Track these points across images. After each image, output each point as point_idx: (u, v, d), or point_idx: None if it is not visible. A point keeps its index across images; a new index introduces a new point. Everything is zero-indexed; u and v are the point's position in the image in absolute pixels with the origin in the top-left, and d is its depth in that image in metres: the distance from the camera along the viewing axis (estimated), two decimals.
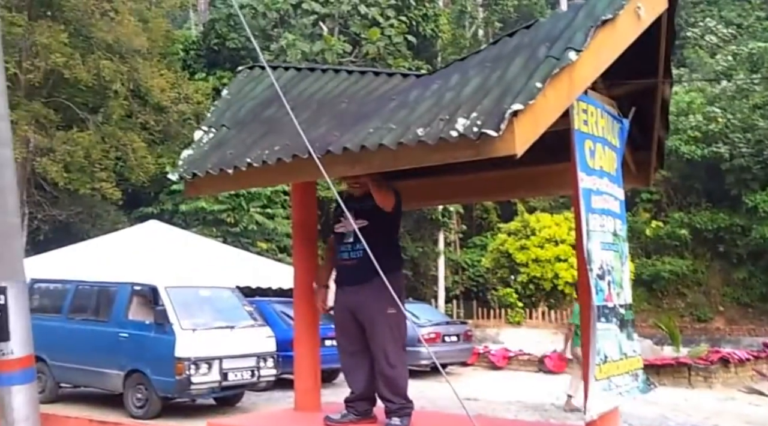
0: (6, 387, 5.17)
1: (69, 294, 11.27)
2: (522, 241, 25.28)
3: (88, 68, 23.33)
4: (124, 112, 24.79)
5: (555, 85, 3.44)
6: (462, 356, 16.34)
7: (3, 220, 5.33)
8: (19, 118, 23.42)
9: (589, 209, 3.89)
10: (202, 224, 23.40)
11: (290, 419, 4.87)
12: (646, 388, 4.32)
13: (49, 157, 23.08)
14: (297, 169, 3.96)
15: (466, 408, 3.28)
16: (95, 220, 25.27)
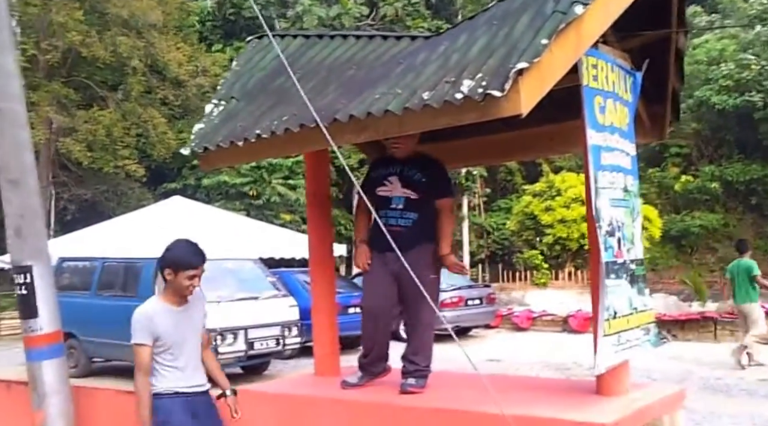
0: (36, 362, 5.32)
1: (96, 271, 11.45)
2: (547, 202, 25.11)
3: (105, 45, 23.44)
4: (142, 88, 24.93)
5: (561, 40, 3.39)
6: (485, 319, 16.46)
7: (25, 202, 5.44)
8: (40, 99, 23.64)
9: (599, 166, 3.86)
10: (225, 198, 23.58)
11: (311, 383, 4.94)
12: (657, 341, 4.34)
13: (71, 137, 23.34)
14: (305, 139, 3.97)
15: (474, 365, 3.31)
16: (120, 197, 25.61)
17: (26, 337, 5.33)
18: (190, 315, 4.00)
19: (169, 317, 3.93)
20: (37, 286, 5.31)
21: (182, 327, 3.96)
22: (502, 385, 4.28)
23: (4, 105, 5.36)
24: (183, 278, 3.84)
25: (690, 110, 29.08)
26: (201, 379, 4.07)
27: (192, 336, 4.01)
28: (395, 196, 4.48)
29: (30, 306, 5.31)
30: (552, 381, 4.90)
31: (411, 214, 4.44)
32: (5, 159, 5.40)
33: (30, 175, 5.46)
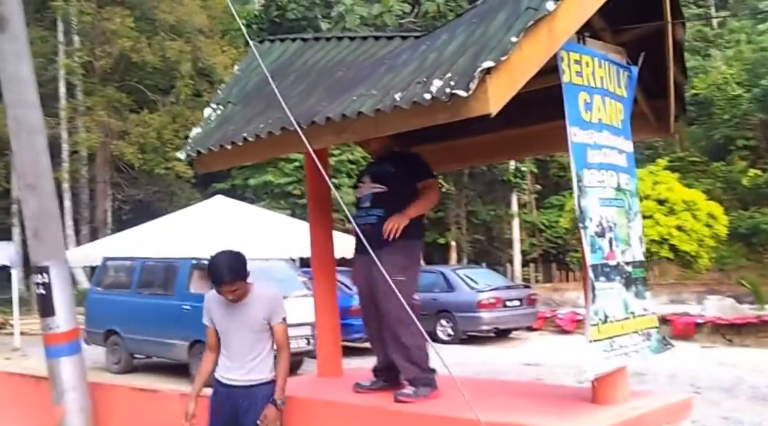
0: (55, 359, 5.44)
1: (137, 270, 11.81)
2: None
3: (154, 50, 24.03)
4: (191, 91, 25.44)
5: (532, 38, 3.32)
6: (525, 321, 16.09)
7: (42, 205, 5.57)
8: (95, 104, 24.39)
9: (584, 165, 3.77)
10: (271, 197, 23.85)
11: (313, 384, 4.97)
12: (660, 347, 4.17)
13: (124, 140, 23.96)
14: (288, 141, 3.97)
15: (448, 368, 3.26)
16: (171, 197, 26.19)
17: (45, 335, 5.47)
18: (244, 310, 4.08)
19: (222, 307, 4.12)
20: (54, 286, 5.42)
21: (232, 319, 4.10)
22: (497, 391, 4.22)
23: (21, 112, 5.50)
24: (220, 289, 4.03)
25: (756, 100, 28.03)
26: (246, 374, 4.09)
27: (241, 330, 4.08)
28: (364, 194, 4.39)
29: (48, 305, 5.43)
30: (552, 387, 4.81)
31: (376, 210, 4.26)
32: (23, 164, 5.55)
33: (46, 179, 5.59)
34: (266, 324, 4.09)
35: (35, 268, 5.43)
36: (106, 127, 23.94)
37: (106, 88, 24.78)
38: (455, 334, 15.29)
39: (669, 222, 24.09)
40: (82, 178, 25.70)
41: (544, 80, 3.84)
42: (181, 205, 23.75)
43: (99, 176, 25.35)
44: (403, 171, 4.32)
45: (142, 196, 25.83)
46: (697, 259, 24.02)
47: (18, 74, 5.49)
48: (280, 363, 4.14)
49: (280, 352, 4.15)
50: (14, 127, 5.45)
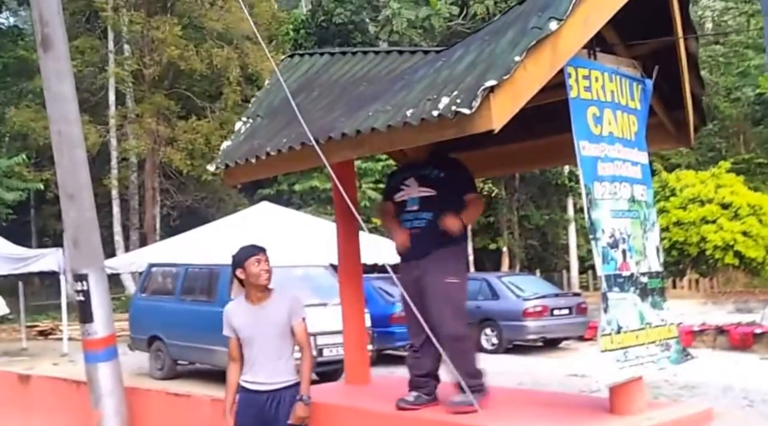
0: (93, 364, 5.68)
1: (180, 276, 12.10)
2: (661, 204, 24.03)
3: (201, 58, 24.50)
4: (238, 97, 25.87)
5: (535, 56, 3.42)
6: (575, 330, 15.41)
7: (82, 216, 5.83)
8: (144, 111, 25.01)
9: (594, 177, 3.84)
10: (317, 203, 24.13)
11: (340, 392, 5.09)
12: (679, 358, 4.18)
13: (172, 147, 24.51)
14: (308, 155, 4.12)
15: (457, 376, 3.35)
16: (219, 203, 26.69)
17: (84, 341, 5.70)
18: (267, 313, 4.24)
19: (245, 314, 4.29)
20: (93, 293, 5.65)
21: (256, 324, 4.25)
22: (516, 400, 4.28)
23: (63, 127, 5.78)
24: (251, 267, 4.23)
25: None
26: (270, 377, 4.22)
27: (265, 333, 4.22)
28: (411, 197, 4.34)
29: (86, 311, 5.66)
30: (572, 397, 4.85)
31: (425, 213, 4.24)
32: (64, 176, 5.81)
33: (86, 191, 5.84)
34: (288, 325, 4.26)
35: (74, 276, 5.68)
36: (154, 134, 24.55)
37: (154, 96, 25.40)
38: (500, 344, 14.94)
39: (733, 227, 23.42)
40: (131, 185, 26.37)
41: (556, 94, 3.94)
42: (229, 211, 24.22)
43: (148, 183, 25.98)
44: (452, 178, 4.32)
45: (190, 202, 26.40)
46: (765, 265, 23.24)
47: (61, 92, 5.75)
48: (304, 361, 4.28)
49: (303, 350, 4.32)
50: (57, 141, 5.73)
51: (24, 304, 18.64)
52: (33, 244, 26.88)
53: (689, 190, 23.16)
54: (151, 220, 25.93)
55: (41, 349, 17.45)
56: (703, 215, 23.16)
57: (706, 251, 23.39)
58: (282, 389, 4.24)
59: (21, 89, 26.27)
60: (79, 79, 25.00)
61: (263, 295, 4.29)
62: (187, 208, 26.55)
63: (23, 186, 23.45)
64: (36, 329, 20.46)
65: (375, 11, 28.64)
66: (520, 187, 31.73)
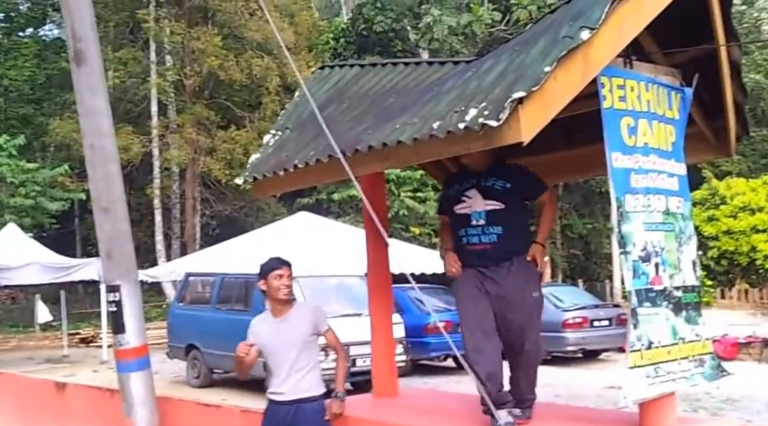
0: (125, 374, 5.72)
1: (216, 286, 12.19)
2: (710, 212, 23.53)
3: (241, 68, 24.72)
4: (276, 107, 26.02)
5: (566, 67, 3.33)
6: (615, 342, 14.98)
7: (116, 227, 5.88)
8: (185, 122, 25.33)
9: (627, 189, 3.74)
10: (355, 212, 24.09)
11: (368, 404, 5.04)
12: (714, 374, 4.06)
13: (212, 156, 24.76)
14: (336, 168, 4.08)
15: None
16: (258, 213, 26.86)
17: (116, 351, 5.75)
18: (290, 326, 4.27)
19: (268, 327, 4.34)
20: (125, 304, 5.70)
21: (279, 337, 4.28)
22: (543, 414, 4.19)
23: (97, 142, 5.83)
24: (272, 280, 4.27)
25: None
26: (292, 389, 4.24)
27: (288, 346, 4.25)
28: (475, 211, 4.14)
29: (119, 322, 5.71)
30: (602, 412, 4.73)
31: (495, 228, 4.08)
32: (97, 189, 5.86)
33: (119, 203, 5.89)
34: (312, 336, 4.29)
35: (108, 287, 5.74)
36: (195, 144, 24.83)
37: (195, 106, 25.69)
38: None
39: None
40: (172, 194, 26.71)
41: (593, 103, 3.85)
42: (267, 221, 24.36)
43: (188, 192, 26.28)
44: (518, 186, 4.18)
45: (229, 211, 26.62)
46: None
47: (94, 106, 5.79)
48: (338, 360, 4.42)
49: (337, 352, 4.46)
50: (90, 155, 5.77)
51: (66, 311, 18.97)
52: (77, 253, 27.40)
53: (740, 198, 22.55)
54: (191, 229, 26.21)
55: (82, 357, 17.76)
56: (754, 224, 22.56)
57: (757, 261, 22.78)
58: (303, 400, 4.26)
59: (64, 100, 26.79)
60: (122, 90, 25.52)
61: (284, 307, 4.33)
62: (227, 217, 26.78)
63: (66, 196, 23.92)
64: (78, 337, 20.81)
65: (416, 19, 28.50)
66: (563, 196, 31.33)
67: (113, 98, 25.80)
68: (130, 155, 23.42)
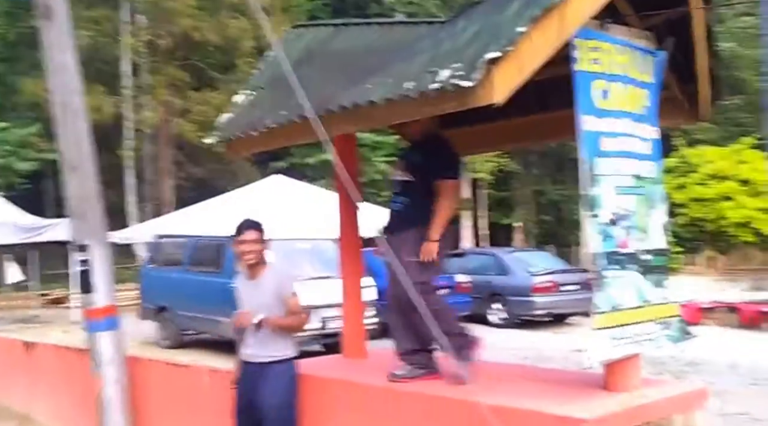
0: (94, 333, 5.72)
1: (188, 248, 12.13)
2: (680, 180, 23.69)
3: (215, 29, 24.32)
4: (251, 69, 25.67)
5: (541, 27, 3.31)
6: (583, 306, 14.85)
7: (84, 186, 5.81)
8: (157, 83, 24.95)
9: (597, 153, 3.74)
10: (330, 176, 24.01)
11: (337, 365, 5.07)
12: (680, 337, 4.12)
13: (185, 118, 24.46)
14: (308, 128, 4.02)
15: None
16: (231, 176, 26.63)
17: (85, 310, 5.74)
18: (261, 288, 4.30)
19: (244, 287, 4.42)
20: (94, 264, 5.67)
21: (252, 297, 4.35)
22: (508, 375, 4.24)
23: (65, 99, 5.72)
24: (238, 245, 4.31)
25: None
26: (258, 350, 4.28)
27: (259, 308, 4.26)
28: (395, 179, 4.45)
29: (88, 282, 5.68)
30: (568, 373, 4.79)
31: (401, 198, 4.36)
32: (66, 148, 5.78)
33: (88, 162, 5.81)
34: (278, 299, 4.28)
35: (77, 247, 5.67)
36: (167, 105, 24.50)
37: (168, 67, 25.30)
38: (508, 319, 15.13)
39: (753, 204, 23.07)
40: (145, 156, 26.40)
41: (566, 66, 3.83)
42: (241, 184, 24.13)
43: (161, 154, 25.99)
44: (430, 163, 4.28)
45: (203, 174, 26.41)
46: None
47: (62, 62, 5.69)
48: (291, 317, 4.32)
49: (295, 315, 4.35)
50: (59, 112, 5.68)
51: (38, 272, 18.81)
52: (49, 213, 27.04)
53: (710, 166, 22.72)
54: (164, 192, 25.99)
55: (53, 317, 17.69)
56: (723, 192, 22.82)
57: (724, 228, 23.09)
58: (267, 364, 4.29)
59: (36, 59, 26.21)
60: (94, 49, 24.97)
61: (255, 270, 4.34)
62: (200, 180, 26.57)
63: (37, 157, 23.55)
64: (49, 297, 20.67)
65: None
66: (536, 162, 31.48)
67: (84, 57, 25.12)
68: (102, 115, 23.06)
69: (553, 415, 3.34)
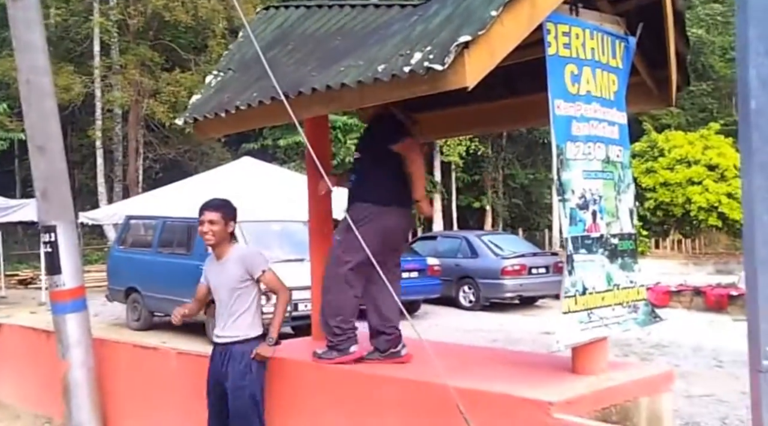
0: (61, 315, 5.64)
1: (158, 229, 12.03)
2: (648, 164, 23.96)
3: (186, 9, 23.99)
4: (223, 50, 25.38)
5: (513, 11, 3.31)
6: (552, 289, 15.22)
7: (51, 166, 5.72)
8: (128, 63, 24.59)
9: (568, 137, 3.76)
10: (301, 158, 23.91)
11: (304, 347, 5.06)
12: (647, 320, 4.18)
13: (155, 99, 24.15)
14: (279, 111, 4.00)
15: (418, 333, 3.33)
16: (202, 157, 26.44)
17: (51, 292, 5.67)
18: (226, 269, 4.28)
19: (212, 267, 4.40)
20: (61, 245, 5.58)
21: (217, 279, 4.34)
22: (477, 358, 4.27)
23: (32, 77, 5.62)
24: (199, 227, 4.29)
25: None
26: (225, 330, 4.29)
27: (223, 288, 4.28)
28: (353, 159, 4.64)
29: (54, 263, 5.60)
30: (536, 356, 4.84)
31: (353, 175, 4.52)
32: (33, 127, 5.68)
33: (55, 142, 5.72)
34: (243, 281, 4.25)
35: (43, 228, 5.61)
36: (138, 85, 24.17)
37: (139, 47, 24.94)
38: (477, 301, 15.31)
39: (719, 189, 23.46)
40: (115, 137, 26.05)
41: (538, 51, 3.84)
42: (212, 165, 24.00)
43: (131, 135, 25.66)
44: (374, 136, 4.46)
45: (173, 155, 26.14)
46: None
47: (30, 41, 5.58)
48: (276, 306, 4.32)
49: (277, 295, 4.34)
50: (25, 91, 5.58)
51: (4, 253, 18.53)
52: (17, 194, 26.63)
53: (677, 150, 23.10)
54: (133, 173, 25.68)
55: (20, 298, 17.46)
56: (690, 176, 23.20)
57: (691, 212, 23.46)
58: (231, 344, 4.28)
59: (3, 38, 25.69)
60: (64, 28, 24.57)
61: (221, 251, 4.32)
62: (171, 161, 26.30)
63: (5, 136, 23.12)
64: (16, 278, 20.39)
65: None
66: (506, 146, 31.64)
67: (54, 36, 24.90)
68: (72, 95, 22.71)
69: (521, 398, 3.38)
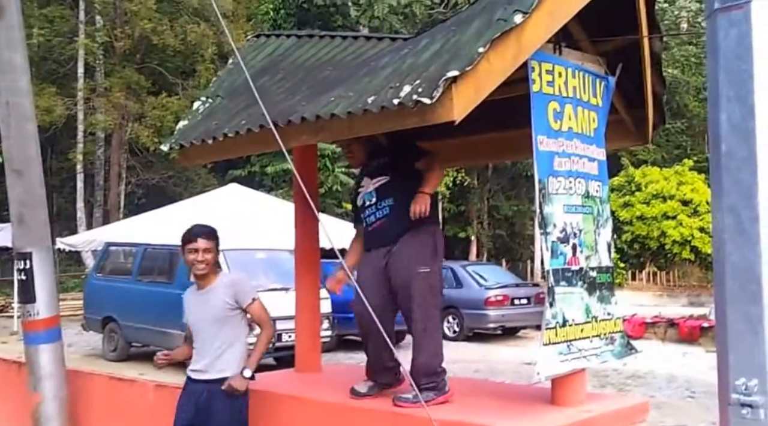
0: (33, 346, 5.38)
1: (138, 256, 11.89)
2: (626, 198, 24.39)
3: (175, 33, 24.06)
4: (212, 75, 25.47)
5: (499, 49, 3.38)
6: (534, 319, 15.42)
7: (30, 191, 5.55)
8: (113, 86, 24.56)
9: (550, 172, 3.83)
10: (288, 186, 23.88)
11: (289, 380, 5.04)
12: (623, 352, 4.25)
13: (140, 123, 24.12)
14: (267, 139, 4.01)
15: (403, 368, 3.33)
16: (187, 183, 26.36)
17: (24, 322, 5.44)
18: (209, 300, 4.02)
19: (192, 299, 4.16)
20: (36, 273, 5.36)
21: (198, 311, 4.08)
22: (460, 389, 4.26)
23: (13, 99, 5.54)
24: (187, 254, 4.04)
25: None
26: (209, 366, 4.00)
27: (206, 319, 4.02)
28: (367, 192, 4.23)
29: (28, 291, 5.38)
30: (516, 387, 4.88)
31: (385, 201, 4.13)
32: (11, 150, 5.51)
33: (34, 166, 5.55)
34: (232, 310, 4.02)
35: (17, 254, 5.40)
36: (122, 108, 24.14)
37: (125, 70, 24.93)
38: (461, 331, 15.37)
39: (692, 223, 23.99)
40: (97, 161, 25.93)
41: (522, 87, 3.92)
42: (197, 191, 23.93)
43: (114, 159, 25.56)
44: (397, 157, 4.20)
45: (157, 180, 26.04)
46: None
47: (12, 62, 5.49)
48: (259, 337, 4.09)
49: (261, 328, 4.12)
50: (4, 113, 5.42)
51: None
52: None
53: (653, 186, 23.57)
54: (115, 198, 25.52)
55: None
56: (665, 211, 23.69)
57: (665, 245, 23.86)
58: (218, 381, 4.00)
59: None
60: (47, 49, 24.52)
61: (206, 280, 4.08)
62: (154, 187, 26.21)
63: None
64: None
65: None
66: (491, 178, 31.93)
67: (37, 57, 24.80)
68: (53, 117, 22.60)
69: None
